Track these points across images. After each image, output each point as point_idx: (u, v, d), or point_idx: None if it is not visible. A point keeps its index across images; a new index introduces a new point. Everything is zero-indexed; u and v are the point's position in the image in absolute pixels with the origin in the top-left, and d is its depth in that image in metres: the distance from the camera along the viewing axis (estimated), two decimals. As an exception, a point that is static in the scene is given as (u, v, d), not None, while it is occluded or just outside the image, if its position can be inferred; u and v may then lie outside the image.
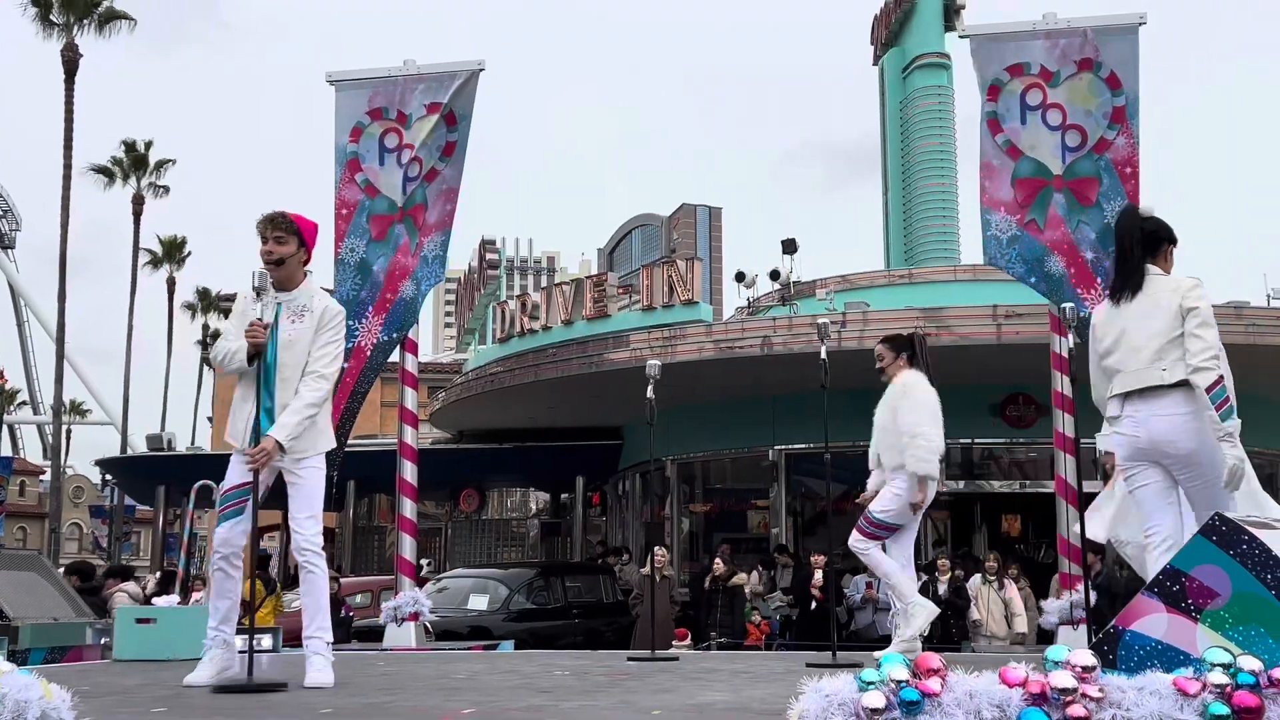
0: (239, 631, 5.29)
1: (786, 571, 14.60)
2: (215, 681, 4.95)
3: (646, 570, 12.33)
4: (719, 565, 13.58)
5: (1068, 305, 6.20)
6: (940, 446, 6.51)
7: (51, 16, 33.18)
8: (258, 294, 5.11)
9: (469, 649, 9.62)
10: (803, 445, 17.02)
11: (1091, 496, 6.23)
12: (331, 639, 5.24)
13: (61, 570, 12.83)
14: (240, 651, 5.14)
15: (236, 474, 5.21)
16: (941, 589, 12.24)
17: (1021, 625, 12.35)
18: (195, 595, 11.66)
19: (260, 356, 5.09)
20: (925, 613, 6.53)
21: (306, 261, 5.34)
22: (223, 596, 5.22)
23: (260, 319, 5.09)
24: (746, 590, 13.82)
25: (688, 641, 12.45)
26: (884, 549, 6.66)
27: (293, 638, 5.79)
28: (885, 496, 6.60)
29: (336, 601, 12.23)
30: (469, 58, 9.51)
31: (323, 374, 5.18)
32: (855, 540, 6.72)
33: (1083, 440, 5.86)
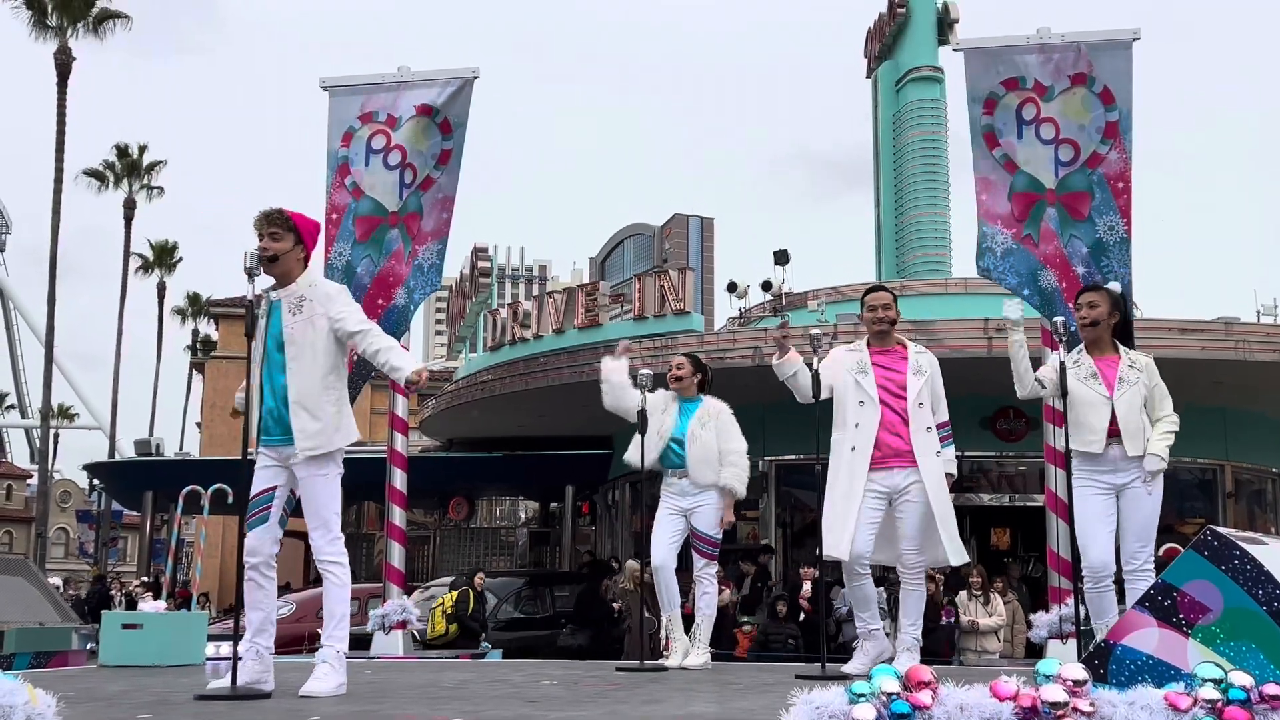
0: (224, 638, 5.23)
1: (747, 581, 14.55)
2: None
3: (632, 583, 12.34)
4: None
5: (1059, 319, 6.20)
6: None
7: (46, 20, 33.10)
8: (249, 275, 4.95)
9: (457, 658, 9.60)
10: (793, 456, 17.00)
11: None
12: (344, 648, 5.08)
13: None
14: (226, 658, 5.09)
15: (262, 479, 5.05)
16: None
17: (994, 643, 12.31)
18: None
19: (263, 355, 5.01)
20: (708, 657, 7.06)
21: (305, 260, 5.23)
22: (254, 608, 4.99)
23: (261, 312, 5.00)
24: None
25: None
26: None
27: (281, 645, 5.73)
28: (712, 513, 6.98)
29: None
30: (462, 64, 9.51)
31: (363, 327, 5.12)
32: (705, 568, 7.00)
33: (1121, 453, 5.86)
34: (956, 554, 6.19)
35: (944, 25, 24.41)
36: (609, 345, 17.05)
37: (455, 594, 13.04)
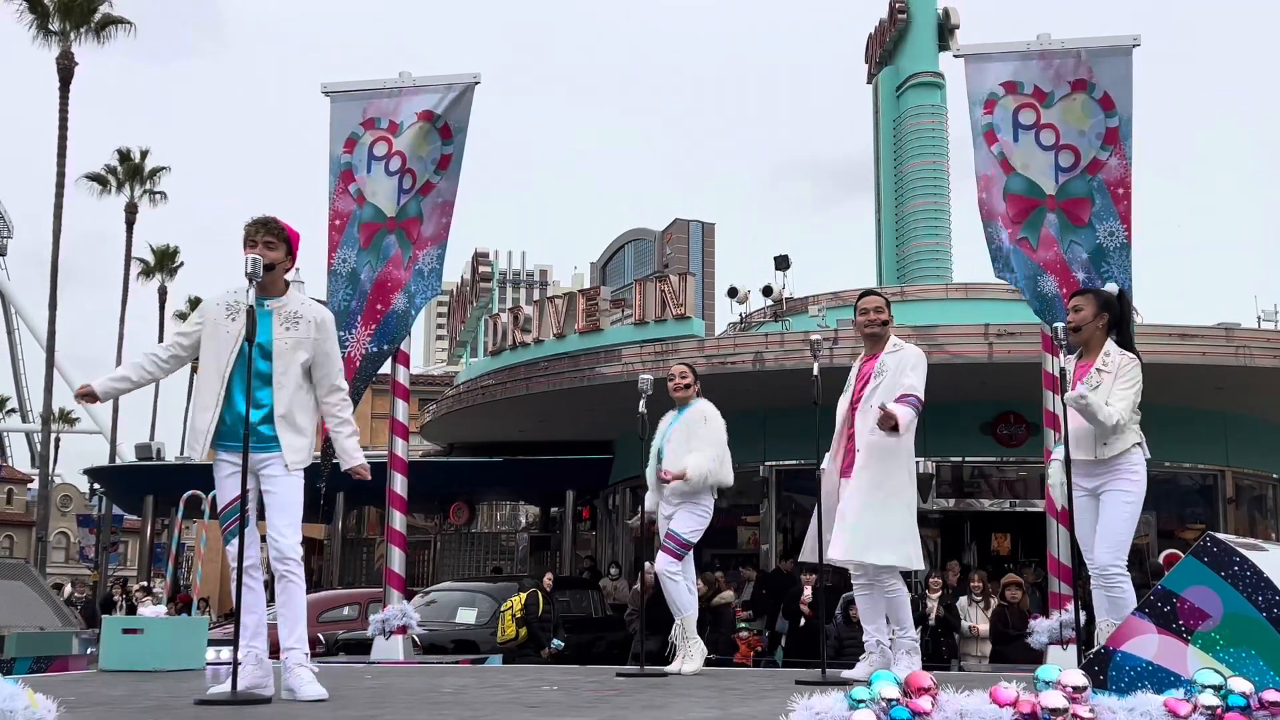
0: (224, 642, 5.23)
1: (748, 586, 14.56)
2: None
3: (637, 586, 12.32)
4: (700, 584, 13.57)
5: (1059, 325, 6.19)
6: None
7: (49, 25, 33.09)
8: (250, 280, 4.92)
9: (457, 663, 9.59)
10: (793, 461, 17.01)
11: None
12: (308, 649, 5.12)
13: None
14: (226, 663, 5.09)
15: (232, 485, 5.06)
16: (932, 605, 12.22)
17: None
18: None
19: (239, 358, 5.02)
20: (702, 655, 6.94)
21: (288, 271, 5.29)
22: (248, 611, 5.03)
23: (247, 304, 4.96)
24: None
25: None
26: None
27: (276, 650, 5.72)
28: (689, 517, 6.93)
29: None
30: (462, 67, 9.52)
31: (343, 387, 5.33)
32: (667, 563, 6.91)
33: (1073, 459, 5.85)
34: (877, 552, 5.99)
35: (944, 31, 24.40)
36: (609, 350, 17.12)
37: (524, 596, 12.97)
